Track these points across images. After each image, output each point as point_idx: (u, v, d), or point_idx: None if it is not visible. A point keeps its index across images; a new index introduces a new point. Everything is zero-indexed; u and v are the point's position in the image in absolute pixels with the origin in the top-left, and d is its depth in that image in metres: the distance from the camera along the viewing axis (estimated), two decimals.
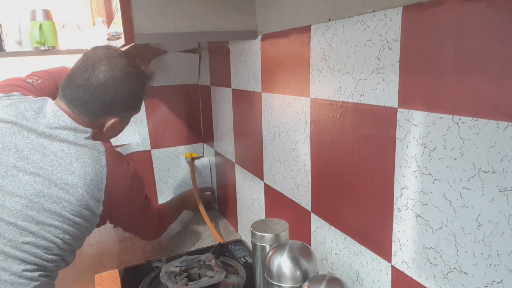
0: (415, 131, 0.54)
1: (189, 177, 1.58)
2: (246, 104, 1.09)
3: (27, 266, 0.82)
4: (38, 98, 0.95)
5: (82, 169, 0.87)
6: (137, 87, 1.01)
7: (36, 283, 0.83)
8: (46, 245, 0.84)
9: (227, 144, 1.31)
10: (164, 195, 1.60)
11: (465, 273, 0.49)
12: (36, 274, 0.83)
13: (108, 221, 1.00)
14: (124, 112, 1.02)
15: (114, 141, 1.18)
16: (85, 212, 0.89)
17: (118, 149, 1.49)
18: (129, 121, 1.08)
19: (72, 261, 0.95)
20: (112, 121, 0.98)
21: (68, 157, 0.86)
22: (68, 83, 0.94)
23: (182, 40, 0.94)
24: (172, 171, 1.59)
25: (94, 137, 0.94)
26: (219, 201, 1.53)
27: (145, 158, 1.54)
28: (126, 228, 1.12)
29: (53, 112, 0.90)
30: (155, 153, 1.56)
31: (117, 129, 1.05)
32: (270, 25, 0.91)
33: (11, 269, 0.80)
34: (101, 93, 0.93)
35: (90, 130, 0.93)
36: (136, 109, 1.07)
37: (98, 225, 0.97)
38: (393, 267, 0.61)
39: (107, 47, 1.00)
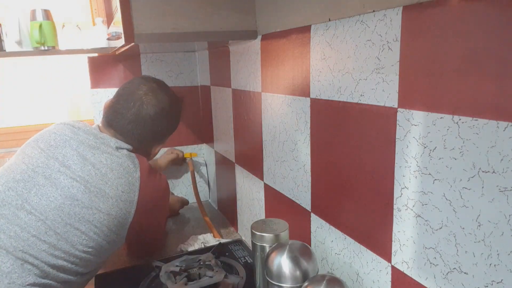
0: (415, 131, 0.54)
1: (186, 177, 1.58)
2: (246, 104, 1.09)
3: (38, 272, 0.82)
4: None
5: (115, 180, 0.90)
6: (179, 113, 1.10)
7: None
8: (66, 249, 0.85)
9: (227, 144, 1.31)
10: None
11: (465, 273, 0.49)
12: (42, 281, 0.82)
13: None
14: (167, 137, 1.10)
15: None
16: (114, 222, 0.91)
17: None
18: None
19: (90, 277, 0.95)
20: (159, 148, 1.08)
21: (104, 168, 0.91)
22: (116, 117, 1.00)
23: (182, 40, 0.94)
24: (171, 171, 1.59)
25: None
26: (219, 201, 1.53)
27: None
28: (140, 240, 1.09)
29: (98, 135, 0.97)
30: None
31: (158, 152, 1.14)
32: (270, 25, 0.91)
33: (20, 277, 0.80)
34: (152, 125, 1.01)
35: (129, 146, 0.99)
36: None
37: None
38: (393, 267, 0.61)
39: (145, 78, 1.07)
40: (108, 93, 1.45)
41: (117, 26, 0.95)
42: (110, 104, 1.05)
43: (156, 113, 1.01)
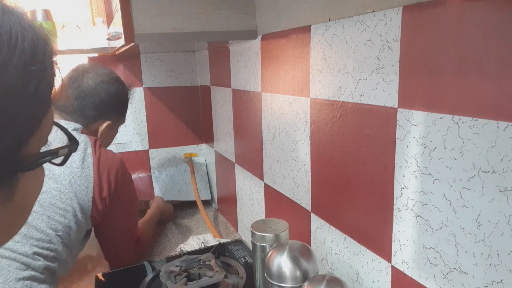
0: (415, 131, 0.54)
1: (186, 177, 1.58)
2: (246, 104, 1.09)
3: (18, 265, 0.81)
4: None
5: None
6: (122, 90, 1.13)
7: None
8: (37, 236, 0.84)
9: (227, 144, 1.31)
10: (160, 195, 1.60)
11: (465, 273, 0.49)
12: (25, 273, 0.81)
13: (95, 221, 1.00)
14: (114, 115, 1.11)
15: (114, 140, 1.20)
16: (76, 200, 0.91)
17: (116, 147, 1.50)
18: (117, 130, 1.17)
19: (69, 265, 0.95)
20: (105, 124, 1.08)
21: None
22: (61, 97, 1.01)
23: (182, 40, 0.94)
24: (169, 171, 1.59)
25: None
26: (219, 201, 1.53)
27: (142, 157, 1.54)
28: (106, 237, 1.08)
29: None
30: (153, 152, 1.56)
31: (109, 135, 1.14)
32: (270, 25, 0.91)
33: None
34: (93, 96, 1.04)
35: (79, 125, 1.01)
36: (123, 115, 1.17)
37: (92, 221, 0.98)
38: (393, 267, 0.61)
39: (89, 63, 1.11)
40: None
41: (117, 26, 0.95)
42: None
43: (96, 85, 1.05)
